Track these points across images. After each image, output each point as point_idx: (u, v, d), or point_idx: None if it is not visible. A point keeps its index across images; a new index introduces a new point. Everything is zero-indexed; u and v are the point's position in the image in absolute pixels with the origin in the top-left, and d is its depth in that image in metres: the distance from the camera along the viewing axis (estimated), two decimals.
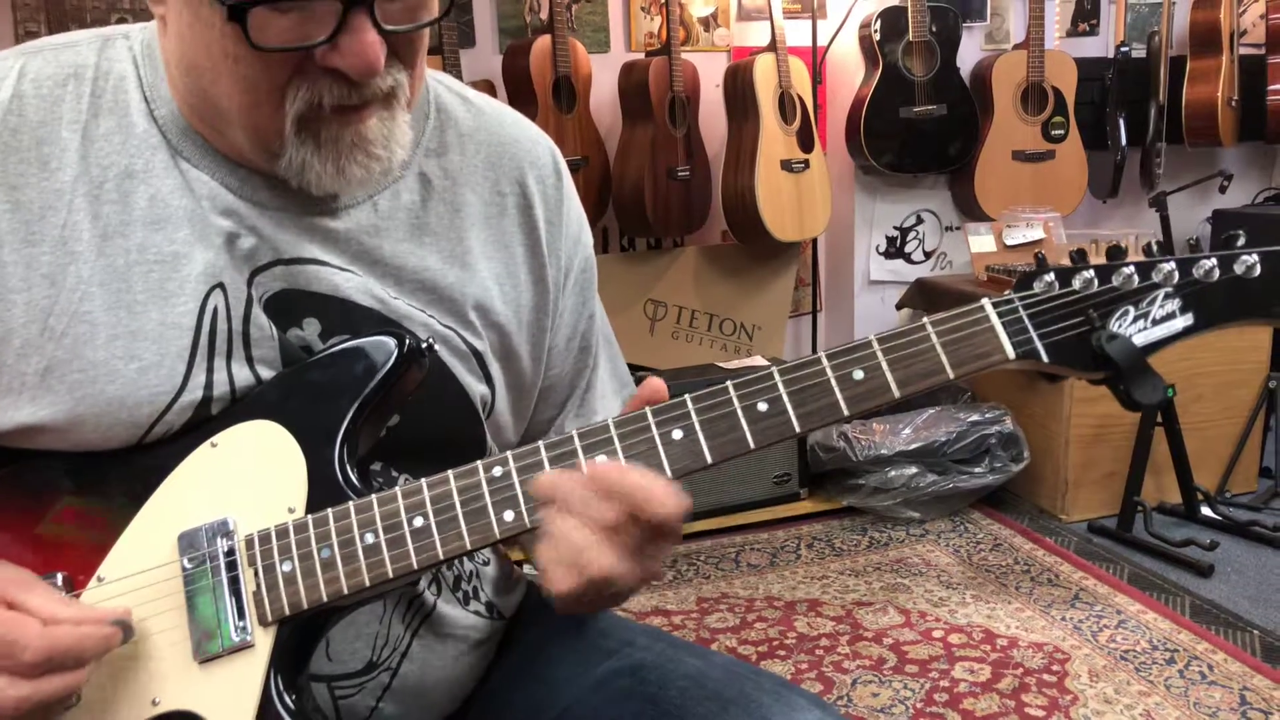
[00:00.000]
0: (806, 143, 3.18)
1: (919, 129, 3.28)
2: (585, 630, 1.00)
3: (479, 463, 0.76)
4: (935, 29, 3.25)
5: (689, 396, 0.75)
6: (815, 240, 3.48)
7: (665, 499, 0.71)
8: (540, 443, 0.76)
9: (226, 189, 0.82)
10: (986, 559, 2.73)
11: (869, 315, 3.58)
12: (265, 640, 0.75)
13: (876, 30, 3.22)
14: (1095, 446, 2.91)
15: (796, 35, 3.27)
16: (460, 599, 0.94)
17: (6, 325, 0.77)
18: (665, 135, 3.06)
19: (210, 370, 0.80)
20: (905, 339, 0.75)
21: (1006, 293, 0.76)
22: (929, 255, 3.60)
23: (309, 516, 0.77)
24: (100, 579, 0.77)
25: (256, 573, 0.76)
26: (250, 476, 0.79)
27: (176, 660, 0.75)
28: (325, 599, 0.75)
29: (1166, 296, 0.75)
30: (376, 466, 0.87)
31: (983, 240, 3.21)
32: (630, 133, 3.12)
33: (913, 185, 3.53)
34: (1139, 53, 3.50)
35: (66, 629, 0.69)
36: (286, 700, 0.75)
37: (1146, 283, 0.75)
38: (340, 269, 0.84)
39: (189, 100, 0.81)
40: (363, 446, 0.81)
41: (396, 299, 0.86)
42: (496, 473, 0.75)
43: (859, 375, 0.75)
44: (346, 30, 0.72)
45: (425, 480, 0.76)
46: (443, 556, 0.75)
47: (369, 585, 0.75)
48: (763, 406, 0.75)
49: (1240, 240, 0.76)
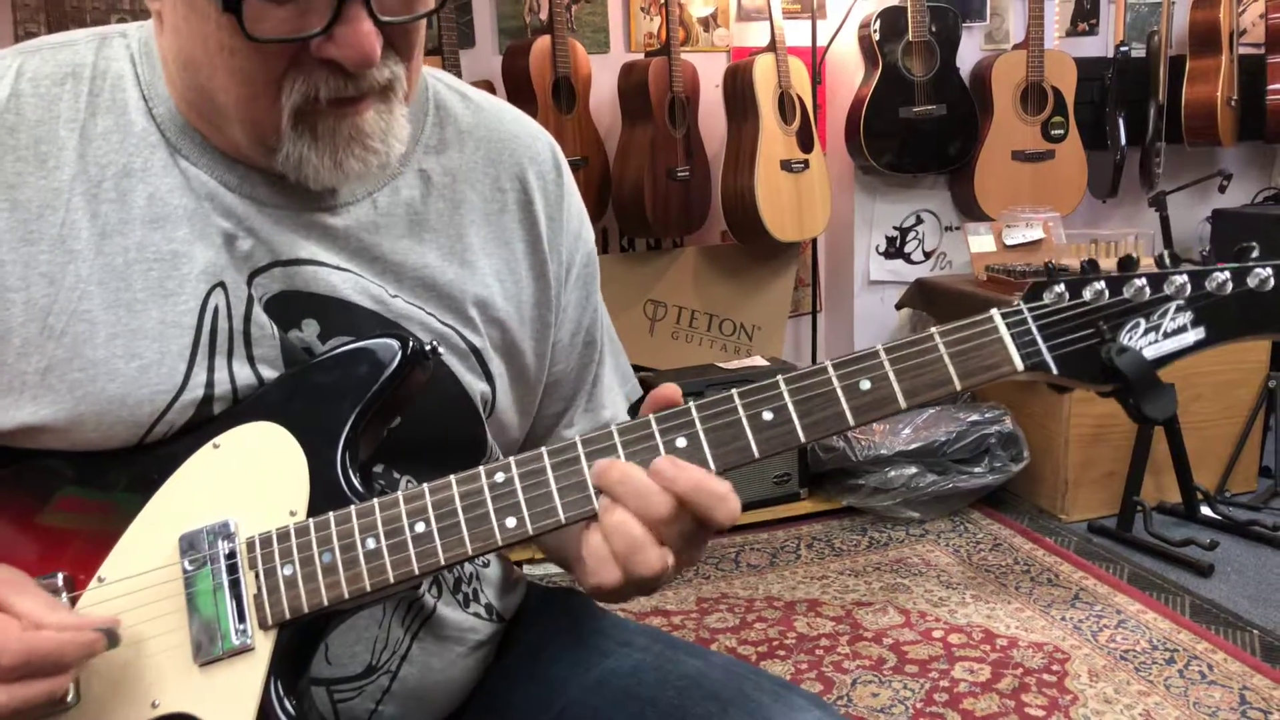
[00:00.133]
0: (806, 143, 3.18)
1: (918, 129, 3.28)
2: (584, 631, 1.00)
3: (481, 468, 0.76)
4: (935, 29, 3.24)
5: (694, 404, 0.75)
6: (815, 240, 3.47)
7: (729, 498, 0.72)
8: (543, 449, 0.75)
9: (225, 187, 0.81)
10: (986, 559, 2.73)
11: (869, 315, 3.58)
12: (265, 644, 0.75)
13: (876, 30, 3.22)
14: (1095, 446, 2.91)
15: (796, 35, 3.27)
16: (460, 601, 0.93)
17: (6, 324, 0.77)
18: (665, 135, 3.05)
19: (211, 369, 0.79)
20: (913, 349, 0.74)
21: (1016, 303, 0.75)
22: (929, 255, 3.60)
23: (310, 520, 0.76)
24: (101, 579, 0.77)
25: (257, 576, 0.76)
26: (252, 478, 0.78)
27: (176, 662, 0.75)
28: (326, 603, 0.75)
29: (1178, 309, 0.74)
30: (378, 468, 0.87)
31: (982, 240, 3.21)
32: (630, 133, 3.12)
33: (912, 185, 3.53)
34: (1138, 52, 3.50)
35: (48, 635, 0.69)
36: (287, 704, 0.74)
37: (1158, 295, 0.74)
38: (337, 268, 0.84)
39: (187, 96, 0.80)
40: (365, 449, 0.81)
41: (395, 297, 0.86)
42: (499, 479, 0.75)
43: (866, 385, 0.74)
44: (342, 21, 0.71)
45: (427, 485, 0.76)
46: (444, 562, 0.75)
47: (370, 590, 0.75)
48: (768, 415, 0.74)
49: (1255, 252, 0.74)
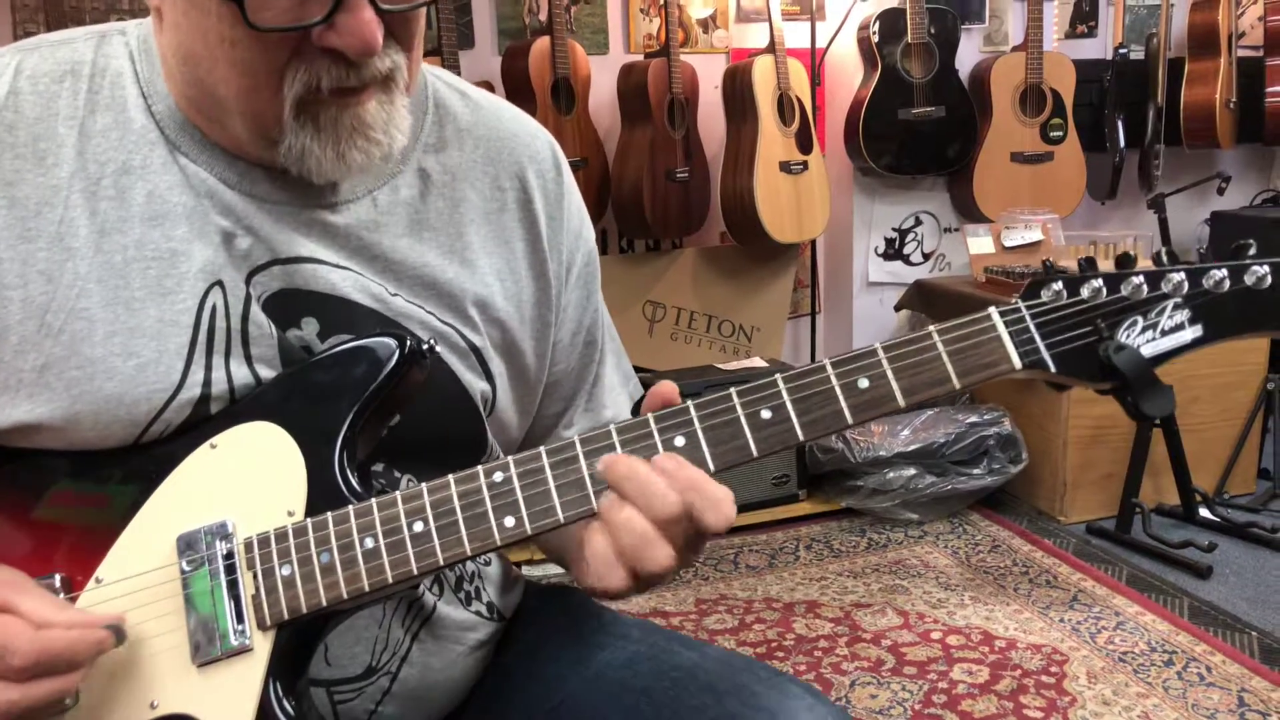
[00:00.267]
0: (805, 144, 3.18)
1: (917, 131, 3.28)
2: (582, 628, 1.00)
3: (479, 468, 0.76)
4: (934, 31, 3.25)
5: (692, 403, 0.75)
6: (814, 242, 3.47)
7: (724, 503, 0.72)
8: (542, 448, 0.75)
9: (224, 184, 0.81)
10: (985, 560, 2.73)
11: (868, 317, 3.58)
12: (264, 644, 0.75)
13: (875, 32, 3.22)
14: (1093, 448, 2.91)
15: (795, 37, 3.27)
16: (463, 599, 0.93)
17: (3, 322, 0.77)
18: (664, 137, 3.05)
19: (209, 368, 0.79)
20: (911, 348, 0.74)
21: (1014, 300, 0.75)
22: (927, 257, 3.60)
23: (308, 520, 0.76)
24: (99, 580, 0.77)
25: (255, 576, 0.76)
26: (250, 479, 0.78)
27: (175, 663, 0.75)
28: (324, 604, 0.75)
29: (1176, 307, 0.74)
30: (378, 467, 0.86)
31: (981, 242, 3.21)
32: (629, 134, 3.12)
33: (911, 187, 3.53)
34: (1137, 54, 3.50)
35: (58, 633, 0.69)
36: (285, 705, 0.74)
37: (1156, 293, 0.74)
38: (337, 266, 0.84)
39: (187, 92, 0.80)
40: (363, 449, 0.80)
41: (395, 296, 0.86)
42: (497, 478, 0.75)
43: (864, 384, 0.74)
44: (344, 9, 0.71)
45: (425, 485, 0.76)
46: (442, 562, 0.74)
47: (368, 590, 0.75)
48: (766, 414, 0.74)
49: (1251, 250, 0.74)
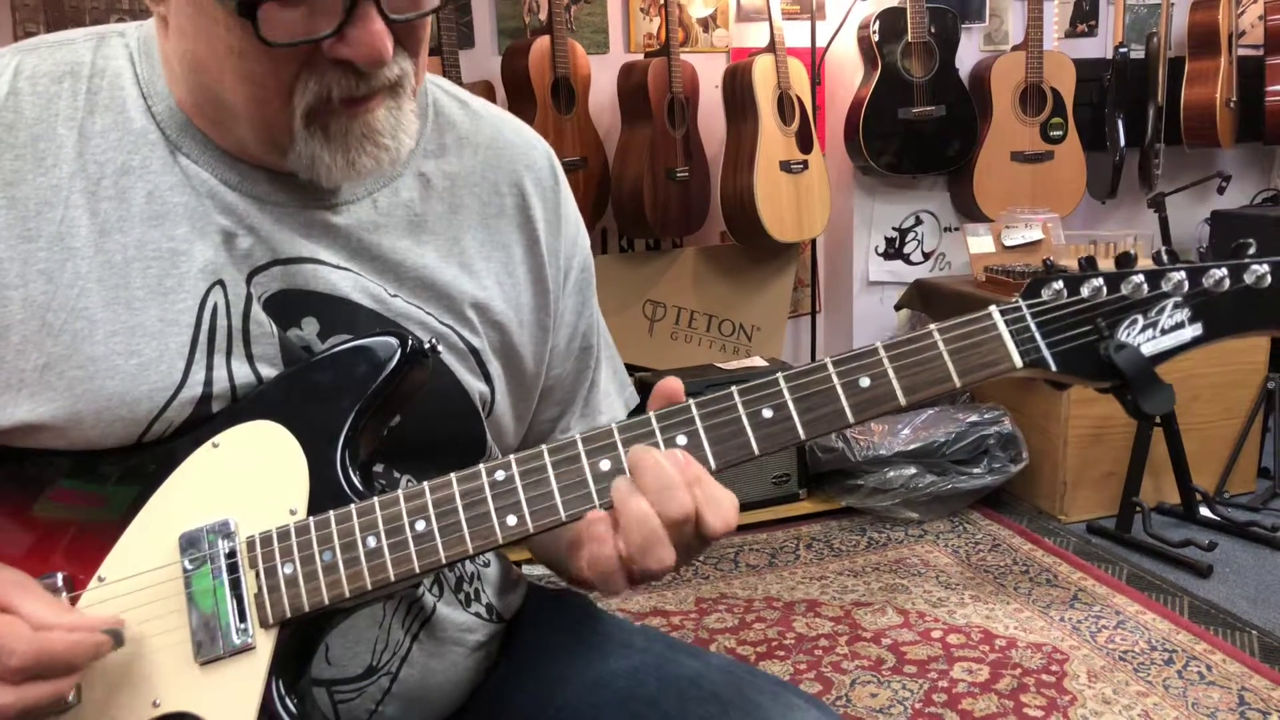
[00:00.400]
0: (805, 143, 3.18)
1: (918, 130, 3.29)
2: (584, 632, 1.00)
3: (481, 466, 0.76)
4: (934, 30, 3.25)
5: (693, 402, 0.75)
6: (814, 241, 3.47)
7: (725, 505, 0.73)
8: (544, 446, 0.75)
9: (225, 185, 0.82)
10: (985, 559, 2.73)
11: (868, 316, 3.58)
12: (266, 643, 0.75)
13: (875, 31, 3.22)
14: (1094, 447, 2.91)
15: (795, 36, 3.27)
16: (462, 600, 0.93)
17: (4, 322, 0.77)
18: (664, 136, 3.06)
19: (210, 367, 0.79)
20: (912, 346, 0.75)
21: (1015, 299, 0.76)
22: (928, 256, 3.60)
23: (310, 519, 0.76)
24: (101, 579, 0.77)
25: (258, 575, 0.76)
26: (252, 477, 0.78)
27: (177, 662, 0.75)
28: (327, 602, 0.75)
29: (1176, 306, 0.74)
30: (379, 468, 0.87)
31: (981, 241, 3.21)
32: (629, 134, 3.12)
33: (911, 186, 3.53)
34: (1137, 54, 3.50)
35: (57, 635, 0.69)
36: (288, 703, 0.74)
37: (1156, 292, 0.74)
38: (337, 267, 0.84)
39: (192, 98, 0.80)
40: (364, 448, 0.81)
41: (395, 297, 0.86)
42: (499, 476, 0.75)
43: (865, 383, 0.74)
44: (354, 21, 0.72)
45: (428, 483, 0.76)
46: (445, 560, 0.75)
47: (370, 588, 0.75)
48: (768, 413, 0.74)
49: (1251, 249, 0.74)
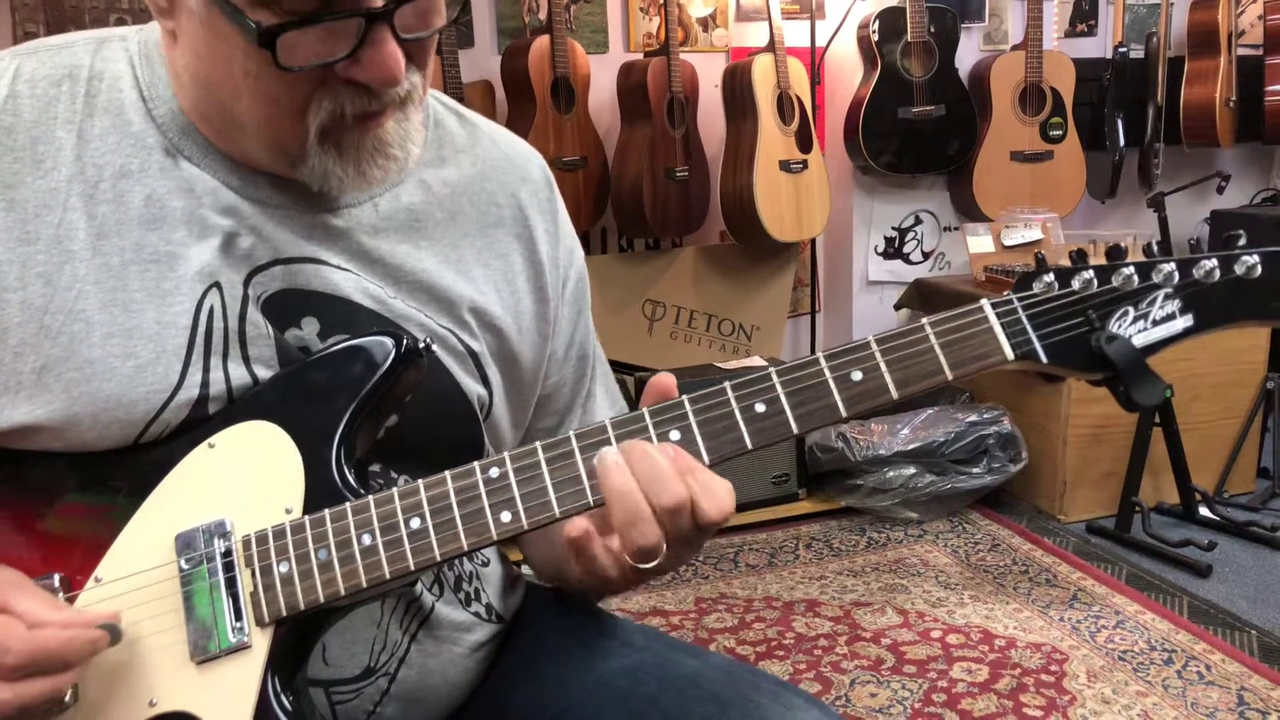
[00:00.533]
0: (805, 143, 3.18)
1: (917, 129, 3.29)
2: (583, 631, 1.00)
3: (476, 464, 0.76)
4: (934, 30, 3.25)
5: (686, 397, 0.75)
6: (814, 241, 3.47)
7: (720, 493, 0.73)
8: (537, 444, 0.76)
9: (227, 187, 0.82)
10: (985, 559, 2.73)
11: (867, 316, 3.58)
12: (263, 641, 0.75)
13: (875, 31, 3.22)
14: (1093, 447, 2.91)
15: (795, 36, 3.27)
16: (462, 600, 0.94)
17: (2, 324, 0.77)
18: (664, 136, 3.06)
19: (206, 369, 0.80)
20: (904, 340, 0.75)
21: (1006, 293, 0.76)
22: (927, 256, 3.60)
23: (306, 517, 0.77)
24: (98, 579, 0.77)
25: (254, 574, 0.76)
26: (248, 477, 0.78)
27: (174, 661, 0.75)
28: (322, 600, 0.75)
29: (1166, 297, 0.75)
30: (375, 468, 0.87)
31: (981, 241, 3.21)
32: (629, 133, 3.12)
33: (911, 186, 3.53)
34: (1137, 53, 3.50)
35: (52, 632, 0.69)
36: (284, 701, 0.75)
37: (1146, 283, 0.75)
38: (339, 268, 0.85)
39: (199, 108, 0.81)
40: (360, 447, 0.81)
41: (395, 299, 0.86)
42: (493, 474, 0.75)
43: (857, 376, 0.75)
44: (368, 44, 0.73)
45: (422, 481, 0.76)
46: (439, 558, 0.75)
47: (366, 586, 0.75)
48: (760, 407, 0.75)
49: (1241, 241, 0.75)
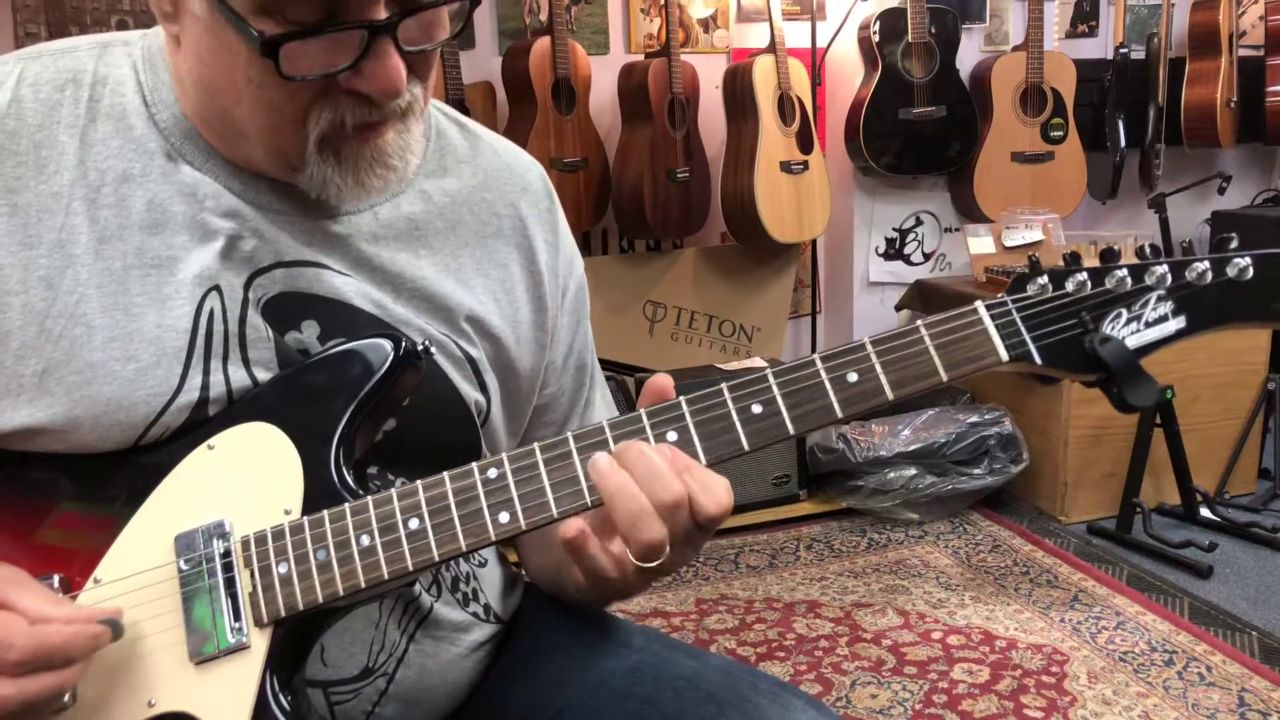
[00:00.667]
0: (806, 144, 3.18)
1: (918, 130, 3.29)
2: (582, 631, 1.00)
3: (474, 465, 0.76)
4: (934, 30, 3.25)
5: (684, 399, 0.76)
6: (814, 242, 3.48)
7: (718, 490, 0.73)
8: (535, 444, 0.76)
9: (229, 191, 0.82)
10: (985, 560, 2.73)
11: (868, 316, 3.58)
12: (261, 642, 0.75)
13: (876, 32, 3.22)
14: (1094, 448, 2.91)
15: (796, 37, 3.27)
16: (460, 600, 0.94)
17: (4, 327, 0.77)
18: (665, 137, 3.06)
19: (206, 372, 0.80)
20: (899, 341, 0.76)
21: (1000, 295, 0.77)
22: (928, 257, 3.60)
23: (305, 518, 0.77)
24: (97, 580, 0.77)
25: (253, 574, 0.76)
26: (247, 478, 0.79)
27: (172, 661, 0.75)
28: (321, 600, 0.75)
29: (1159, 299, 0.75)
30: (373, 470, 0.87)
31: (982, 242, 3.21)
32: (630, 134, 3.12)
33: (912, 187, 3.53)
34: (1138, 54, 3.50)
35: (55, 628, 0.69)
36: (282, 701, 0.75)
37: (1139, 285, 0.75)
38: (340, 273, 0.85)
39: (202, 114, 0.82)
40: (359, 449, 0.81)
41: (395, 304, 0.87)
42: (492, 474, 0.75)
43: (853, 377, 0.75)
44: (371, 56, 0.73)
45: (421, 482, 0.76)
46: (438, 558, 0.75)
47: (364, 587, 0.75)
48: (757, 409, 0.75)
49: (1233, 243, 0.76)
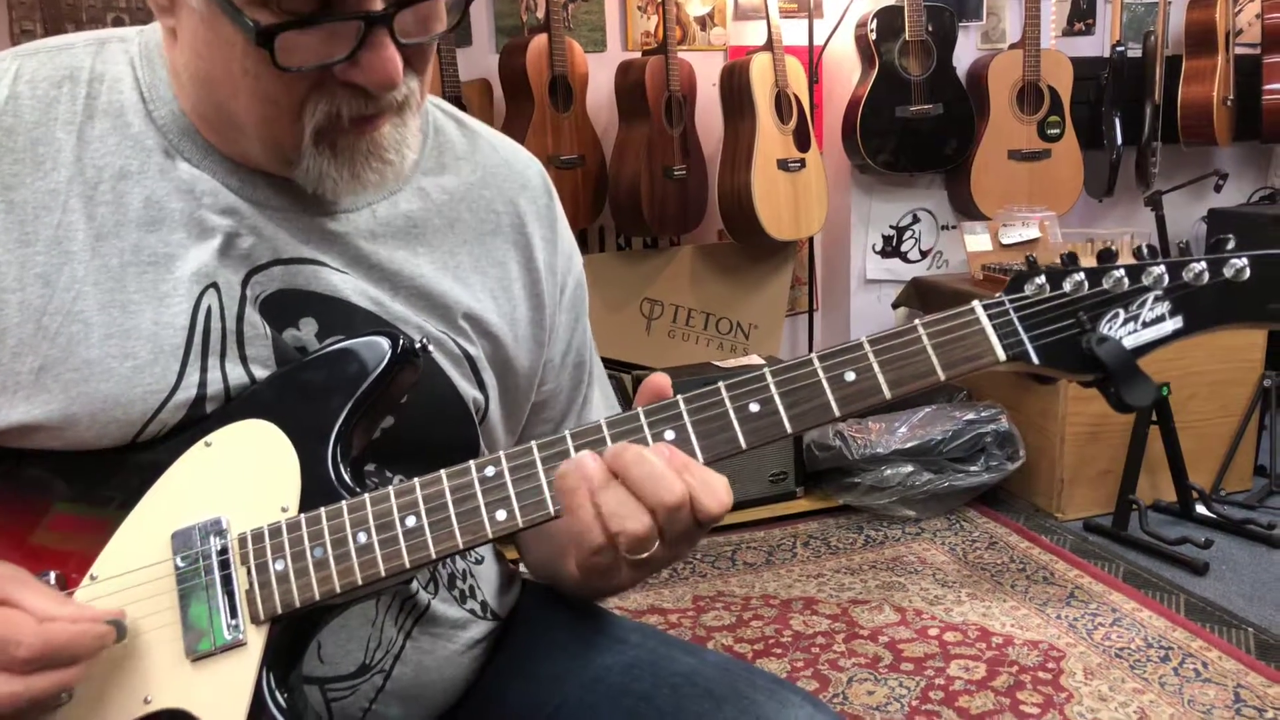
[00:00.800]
0: (803, 142, 3.18)
1: (915, 128, 3.29)
2: (579, 628, 1.00)
3: (471, 462, 0.76)
4: (931, 28, 3.25)
5: (681, 397, 0.76)
6: (811, 239, 3.48)
7: (719, 488, 0.72)
8: (533, 443, 0.76)
9: (227, 188, 0.82)
10: (982, 557, 2.74)
11: (865, 314, 3.58)
12: (258, 638, 0.75)
13: (873, 30, 3.22)
14: (1091, 445, 2.92)
15: (793, 34, 3.27)
16: (457, 597, 0.94)
17: (1, 325, 0.77)
18: (662, 134, 3.06)
19: (204, 369, 0.80)
20: (896, 340, 0.76)
21: (997, 295, 0.77)
22: (925, 254, 3.61)
23: (302, 515, 0.77)
24: (93, 577, 0.77)
25: (249, 571, 0.76)
26: (244, 475, 0.79)
27: (169, 658, 0.75)
28: (318, 597, 0.75)
29: (1156, 299, 0.75)
30: (370, 468, 0.87)
31: (979, 239, 3.21)
32: (627, 132, 3.12)
33: (909, 184, 3.54)
34: (1135, 52, 3.50)
35: (61, 626, 0.70)
36: (279, 698, 0.75)
37: (1136, 285, 0.75)
38: (338, 270, 0.85)
39: (199, 108, 0.81)
40: (356, 446, 0.81)
41: (393, 302, 0.87)
42: (489, 472, 0.75)
43: (851, 376, 0.75)
44: (367, 47, 0.73)
45: (418, 480, 0.76)
46: (435, 555, 0.75)
47: (361, 584, 0.75)
48: (754, 407, 0.75)
49: (1230, 243, 0.76)
